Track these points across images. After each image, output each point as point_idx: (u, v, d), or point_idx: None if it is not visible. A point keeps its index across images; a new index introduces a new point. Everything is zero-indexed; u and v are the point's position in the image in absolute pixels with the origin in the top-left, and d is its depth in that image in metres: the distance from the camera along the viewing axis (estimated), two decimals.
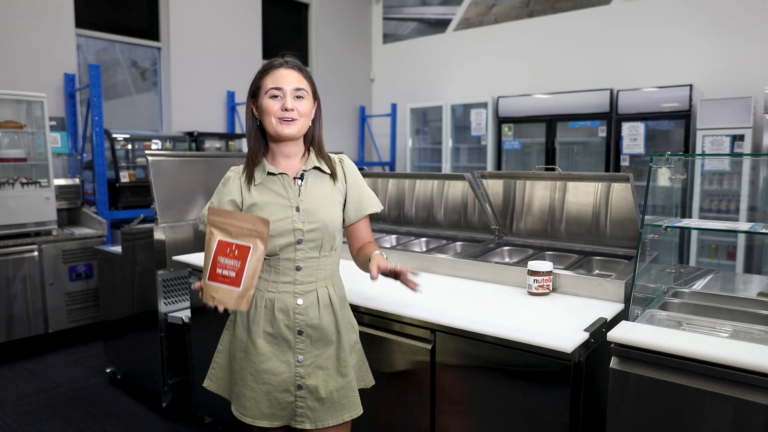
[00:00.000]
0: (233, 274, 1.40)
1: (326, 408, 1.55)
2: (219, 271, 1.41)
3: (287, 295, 1.55)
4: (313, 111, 1.61)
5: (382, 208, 1.74)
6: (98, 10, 5.05)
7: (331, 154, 1.68)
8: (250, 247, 1.41)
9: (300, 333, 1.55)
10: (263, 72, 1.57)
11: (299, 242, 1.54)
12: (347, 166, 1.67)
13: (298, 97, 1.54)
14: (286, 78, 1.54)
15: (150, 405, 3.11)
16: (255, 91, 1.58)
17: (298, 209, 1.55)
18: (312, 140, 1.64)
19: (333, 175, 1.62)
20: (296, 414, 1.56)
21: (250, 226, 1.42)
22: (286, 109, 1.51)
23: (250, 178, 1.58)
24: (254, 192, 1.57)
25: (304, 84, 1.56)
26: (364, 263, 1.65)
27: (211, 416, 2.79)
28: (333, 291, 1.61)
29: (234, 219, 1.43)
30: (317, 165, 1.61)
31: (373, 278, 1.50)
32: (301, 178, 1.59)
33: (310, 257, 1.56)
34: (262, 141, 1.60)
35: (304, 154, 1.63)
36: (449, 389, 1.74)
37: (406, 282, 1.54)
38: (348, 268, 2.59)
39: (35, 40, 4.49)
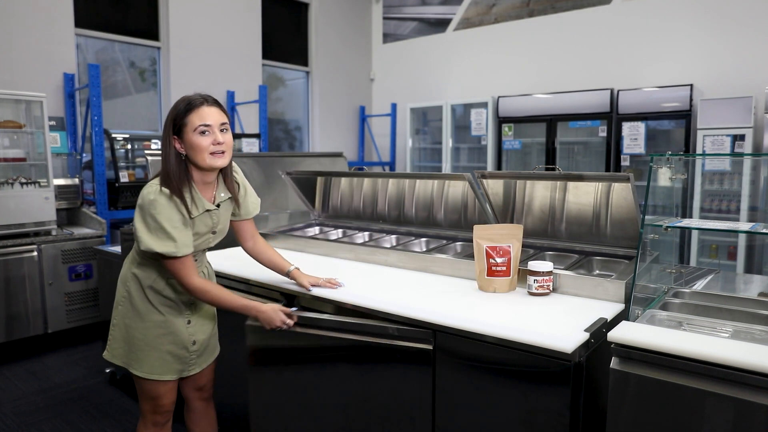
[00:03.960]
0: (504, 268, 2.01)
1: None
2: (493, 269, 2.01)
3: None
4: None
5: (259, 200, 2.08)
6: (98, 9, 5.04)
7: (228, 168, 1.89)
8: (510, 246, 2.02)
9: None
10: (187, 110, 1.72)
11: (205, 250, 1.97)
12: (241, 179, 1.99)
13: (223, 130, 1.77)
14: (212, 115, 1.74)
15: None
16: (180, 128, 1.72)
17: (214, 232, 1.91)
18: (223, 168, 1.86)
19: (234, 196, 1.92)
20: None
21: (506, 232, 2.05)
22: (218, 143, 1.73)
23: (188, 209, 1.76)
24: (192, 222, 1.80)
25: (225, 118, 1.79)
26: (269, 264, 2.13)
27: None
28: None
29: (492, 230, 2.06)
30: (228, 195, 1.90)
31: (308, 290, 2.06)
32: (218, 206, 1.87)
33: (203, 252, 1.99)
34: (186, 172, 1.78)
35: (216, 180, 1.88)
36: (449, 389, 1.74)
37: (329, 285, 2.09)
38: (352, 269, 2.59)
39: (35, 39, 4.48)
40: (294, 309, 1.92)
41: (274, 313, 1.85)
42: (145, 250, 1.74)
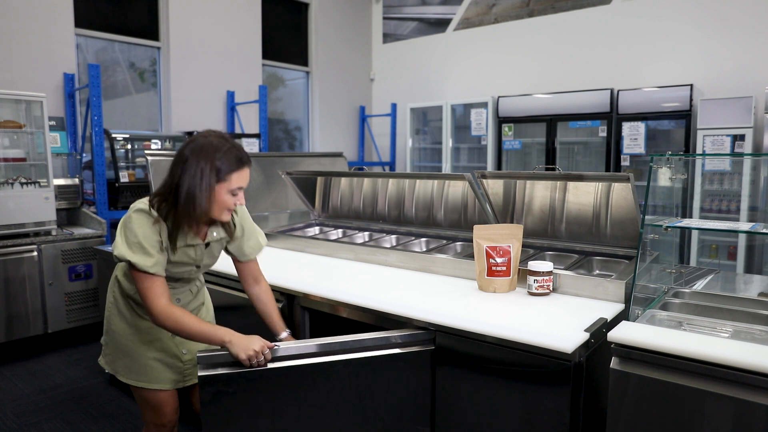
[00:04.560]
0: (504, 268, 2.02)
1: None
2: (493, 269, 2.03)
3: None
4: None
5: (265, 243, 1.97)
6: (98, 9, 5.04)
7: None
8: (510, 246, 2.03)
9: None
10: (231, 169, 1.64)
11: (189, 280, 1.89)
12: (240, 219, 1.89)
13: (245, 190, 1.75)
14: (248, 177, 1.71)
15: None
16: (219, 177, 1.64)
17: (198, 267, 1.83)
18: None
19: (229, 235, 1.84)
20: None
21: (506, 232, 2.06)
22: (238, 204, 1.70)
23: (174, 242, 1.70)
24: (173, 250, 1.71)
25: None
26: (263, 317, 1.93)
27: None
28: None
29: (492, 230, 2.07)
30: (222, 236, 1.83)
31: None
32: (207, 245, 1.80)
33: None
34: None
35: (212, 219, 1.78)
36: (449, 389, 1.74)
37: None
38: (352, 269, 2.58)
39: (34, 39, 4.48)
40: (276, 345, 1.66)
41: (252, 336, 1.62)
42: (119, 257, 1.64)
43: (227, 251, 1.91)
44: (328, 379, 1.69)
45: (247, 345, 1.58)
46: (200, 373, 1.58)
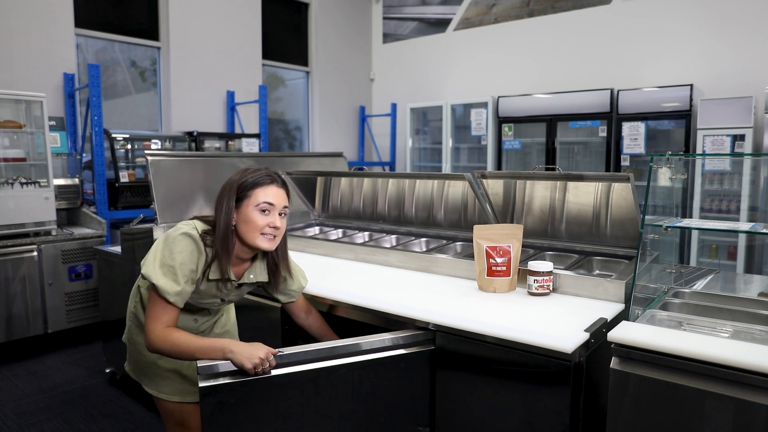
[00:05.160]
0: (504, 268, 2.02)
1: None
2: (493, 269, 2.02)
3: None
4: None
5: (306, 284, 1.95)
6: (98, 9, 5.04)
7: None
8: (510, 246, 2.03)
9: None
10: (255, 183, 1.61)
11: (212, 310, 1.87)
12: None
13: (282, 215, 1.66)
14: (279, 196, 1.63)
15: (149, 405, 3.10)
16: (240, 199, 1.61)
17: (223, 300, 1.77)
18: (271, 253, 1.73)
19: (274, 283, 1.78)
20: None
21: (506, 232, 2.05)
22: (275, 227, 1.62)
23: (206, 270, 1.64)
24: (203, 281, 1.66)
25: (287, 202, 1.67)
26: (317, 335, 1.96)
27: None
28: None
29: (492, 230, 2.07)
30: (260, 280, 1.76)
31: None
32: (239, 286, 1.74)
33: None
34: (230, 241, 1.62)
35: (254, 260, 1.75)
36: (449, 389, 1.74)
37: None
38: (352, 269, 2.58)
39: (34, 39, 4.48)
40: (279, 350, 1.57)
41: (255, 343, 1.53)
42: (145, 275, 1.58)
43: (268, 293, 1.87)
44: (332, 383, 1.65)
45: (251, 353, 1.48)
46: (201, 384, 1.46)
